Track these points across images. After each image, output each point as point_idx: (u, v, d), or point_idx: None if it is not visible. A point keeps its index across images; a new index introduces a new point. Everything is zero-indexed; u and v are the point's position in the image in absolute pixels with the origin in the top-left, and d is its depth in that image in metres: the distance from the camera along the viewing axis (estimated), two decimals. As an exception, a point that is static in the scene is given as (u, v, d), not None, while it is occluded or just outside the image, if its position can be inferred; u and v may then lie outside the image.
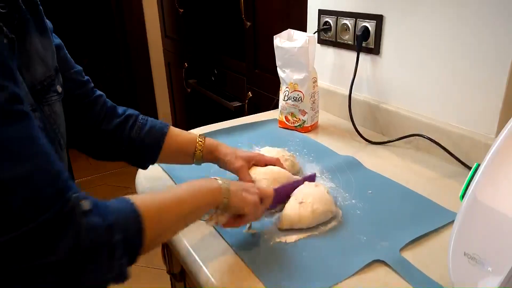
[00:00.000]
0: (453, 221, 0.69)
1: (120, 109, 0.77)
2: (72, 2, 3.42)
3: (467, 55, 0.84)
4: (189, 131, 1.14)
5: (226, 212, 0.62)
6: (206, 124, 1.17)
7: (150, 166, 0.82)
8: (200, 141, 0.79)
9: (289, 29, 1.05)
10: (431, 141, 0.92)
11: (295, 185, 0.75)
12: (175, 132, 0.79)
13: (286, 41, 1.04)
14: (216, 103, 1.90)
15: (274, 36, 1.05)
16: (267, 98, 1.53)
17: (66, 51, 0.71)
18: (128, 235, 0.47)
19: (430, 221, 0.70)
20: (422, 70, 0.95)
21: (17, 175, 0.39)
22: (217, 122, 1.19)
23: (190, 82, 2.16)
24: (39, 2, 0.61)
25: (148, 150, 0.77)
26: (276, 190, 0.70)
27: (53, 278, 0.40)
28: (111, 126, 0.74)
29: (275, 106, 1.21)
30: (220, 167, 0.80)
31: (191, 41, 2.13)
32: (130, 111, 0.78)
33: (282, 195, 0.73)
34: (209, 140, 0.80)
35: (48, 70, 0.60)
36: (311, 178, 0.81)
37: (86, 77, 0.75)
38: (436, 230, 0.68)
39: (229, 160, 0.77)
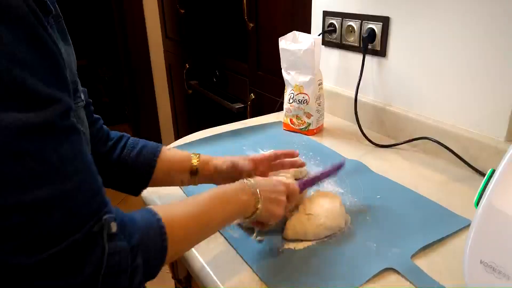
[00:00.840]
0: (464, 227, 0.69)
1: (113, 133, 0.74)
2: (72, 2, 3.41)
3: (475, 57, 0.83)
4: (191, 134, 1.14)
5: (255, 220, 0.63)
6: (207, 126, 1.15)
7: None
8: (194, 155, 0.74)
9: (294, 31, 1.04)
10: (439, 144, 0.91)
11: (324, 175, 0.76)
12: (168, 151, 0.74)
13: (291, 43, 1.03)
14: (217, 105, 1.89)
15: (279, 38, 1.04)
16: (270, 100, 1.52)
17: None
18: (150, 256, 0.47)
19: (441, 227, 0.69)
20: (429, 72, 0.94)
21: (57, 194, 0.38)
22: (218, 124, 1.18)
23: (191, 83, 2.15)
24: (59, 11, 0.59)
25: (141, 170, 0.71)
26: (304, 184, 0.72)
27: None
28: (105, 149, 0.71)
29: (279, 108, 1.20)
30: (218, 183, 0.74)
31: (192, 42, 2.11)
32: (119, 133, 0.75)
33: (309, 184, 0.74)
34: (204, 156, 0.75)
35: (73, 76, 0.58)
36: (338, 167, 0.78)
37: (88, 100, 0.71)
38: (447, 236, 0.67)
39: (235, 164, 0.74)
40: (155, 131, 2.75)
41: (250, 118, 1.61)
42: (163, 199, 0.80)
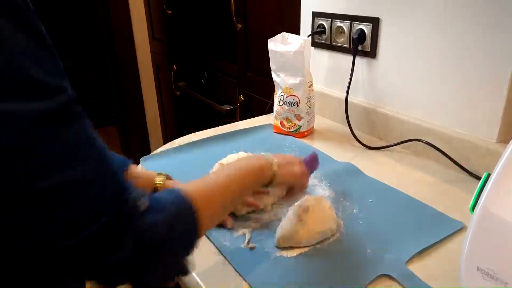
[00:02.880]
0: (458, 230, 0.68)
1: None
2: (56, 3, 3.34)
3: (466, 59, 0.83)
4: (180, 138, 1.11)
5: (274, 186, 0.68)
6: (196, 128, 1.14)
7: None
8: (157, 183, 0.67)
9: (283, 33, 1.03)
10: (431, 146, 0.90)
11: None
12: (134, 171, 0.67)
13: (280, 45, 1.01)
14: (207, 106, 1.87)
15: (268, 40, 1.02)
16: (259, 102, 1.50)
17: None
18: (185, 228, 0.48)
19: (435, 230, 0.68)
20: (420, 74, 0.93)
21: (79, 178, 0.38)
22: (208, 125, 1.16)
23: (180, 85, 2.12)
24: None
25: None
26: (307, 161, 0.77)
27: (119, 278, 0.42)
28: None
29: (269, 110, 1.18)
30: None
31: (180, 43, 2.08)
32: None
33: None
34: (173, 184, 0.69)
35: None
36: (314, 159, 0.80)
37: None
38: (441, 240, 0.66)
39: None
40: (143, 134, 2.71)
41: (239, 119, 1.60)
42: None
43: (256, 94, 1.54)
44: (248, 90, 1.58)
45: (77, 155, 0.39)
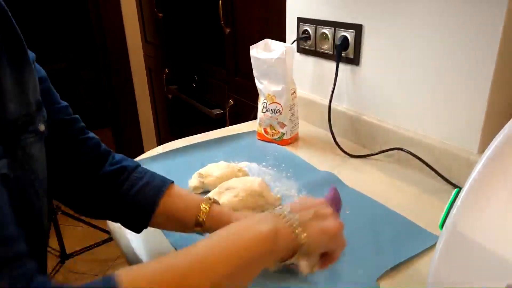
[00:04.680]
0: (432, 245, 0.67)
1: (117, 157, 0.64)
2: (49, 5, 3.34)
3: (448, 68, 0.81)
4: (168, 143, 1.10)
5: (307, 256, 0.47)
6: (188, 131, 1.13)
7: None
8: (204, 207, 0.60)
9: (266, 39, 1.01)
10: (412, 155, 0.89)
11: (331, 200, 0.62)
12: (177, 192, 0.62)
13: (263, 52, 1.00)
14: (197, 110, 1.86)
15: (250, 47, 1.01)
16: (248, 106, 1.49)
17: (50, 85, 0.61)
18: None
19: (410, 245, 0.67)
20: (402, 82, 0.92)
21: None
22: (199, 129, 1.16)
23: (171, 88, 2.11)
24: (19, 33, 0.51)
25: (139, 211, 0.60)
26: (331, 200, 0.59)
27: None
28: (99, 176, 0.61)
29: (255, 117, 1.17)
30: None
31: (171, 46, 2.07)
32: (128, 161, 0.64)
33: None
34: (218, 208, 0.61)
35: (24, 108, 0.50)
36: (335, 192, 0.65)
37: (74, 116, 0.63)
38: (416, 255, 0.65)
39: None
40: (136, 136, 2.71)
41: (229, 123, 1.59)
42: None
43: (245, 99, 1.53)
44: (237, 95, 1.57)
45: None
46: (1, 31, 0.49)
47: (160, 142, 2.61)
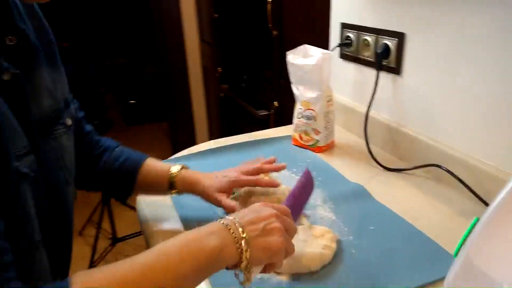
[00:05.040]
0: (456, 273, 0.62)
1: (102, 140, 0.77)
2: (114, 7, 3.57)
3: (497, 83, 0.75)
4: (202, 143, 1.14)
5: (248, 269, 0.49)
6: (236, 130, 1.17)
7: None
8: (172, 173, 0.74)
9: (304, 45, 1.01)
10: (450, 173, 0.84)
11: (301, 189, 0.66)
12: (150, 163, 0.77)
13: (299, 58, 0.99)
14: (244, 109, 1.88)
15: (287, 52, 1.00)
16: (292, 109, 1.48)
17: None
18: None
19: (430, 269, 0.63)
20: (445, 96, 0.86)
21: None
22: (246, 127, 1.18)
23: (223, 87, 2.16)
24: (53, 37, 0.62)
25: (122, 182, 0.75)
26: (290, 206, 0.60)
27: None
28: (91, 159, 0.75)
29: (293, 122, 1.17)
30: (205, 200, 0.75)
31: (224, 46, 2.12)
32: (109, 142, 0.78)
33: (298, 206, 0.65)
34: (187, 172, 0.76)
35: (56, 103, 0.59)
36: (308, 176, 0.69)
37: (82, 113, 0.75)
38: (434, 282, 0.61)
39: (207, 193, 0.73)
40: (190, 131, 2.80)
41: (273, 125, 1.59)
42: (150, 207, 0.84)
43: (289, 102, 1.52)
44: (282, 97, 1.57)
45: None
46: (39, 37, 0.58)
47: (211, 137, 2.69)
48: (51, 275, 0.56)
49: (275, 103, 1.61)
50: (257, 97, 1.83)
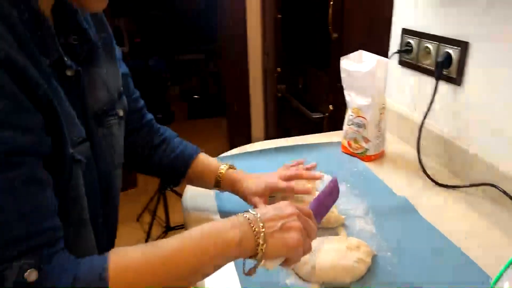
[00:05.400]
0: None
1: (162, 129, 0.83)
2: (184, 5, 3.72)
3: None
4: (252, 143, 1.16)
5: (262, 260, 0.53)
6: (292, 130, 1.18)
7: None
8: (221, 170, 0.79)
9: (360, 50, 0.98)
10: (506, 194, 0.77)
11: (327, 195, 0.67)
12: (202, 158, 0.81)
13: (353, 63, 0.97)
14: (299, 112, 1.88)
15: (341, 58, 0.99)
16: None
17: (130, 80, 0.77)
18: None
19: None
20: (509, 110, 0.80)
21: None
22: (300, 128, 1.19)
23: (280, 87, 2.16)
24: (111, 33, 0.68)
25: (175, 171, 0.81)
26: (313, 209, 0.61)
27: None
28: (151, 146, 0.80)
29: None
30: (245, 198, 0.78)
31: (285, 47, 2.12)
32: (168, 132, 0.83)
33: (321, 210, 0.65)
34: (230, 173, 0.79)
35: (110, 95, 0.64)
36: (335, 183, 0.69)
37: (142, 103, 0.81)
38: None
39: (245, 195, 0.76)
40: (247, 129, 2.84)
41: (327, 129, 1.57)
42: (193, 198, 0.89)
43: (344, 106, 1.49)
44: (338, 101, 1.54)
45: None
46: (99, 32, 0.64)
47: (266, 136, 2.71)
48: (97, 252, 0.61)
49: (330, 107, 1.59)
50: (312, 100, 1.82)
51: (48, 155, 0.47)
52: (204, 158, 0.82)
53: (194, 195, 0.89)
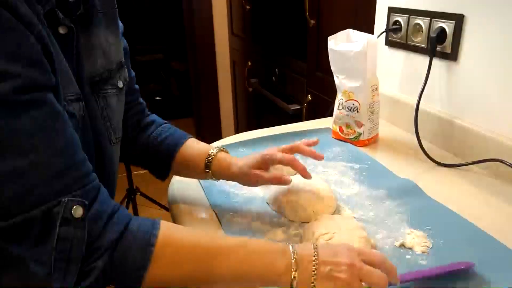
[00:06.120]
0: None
1: (152, 116, 0.79)
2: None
3: None
4: (237, 134, 1.08)
5: None
6: (265, 125, 1.11)
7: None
8: (212, 152, 0.71)
9: (348, 29, 0.93)
10: (515, 170, 0.75)
11: (436, 275, 0.55)
12: (193, 143, 0.75)
13: (342, 44, 0.92)
14: (275, 105, 1.82)
15: (329, 38, 0.93)
16: (326, 103, 1.41)
17: (128, 58, 0.72)
18: (125, 267, 0.44)
19: (504, 277, 0.55)
20: (508, 83, 0.77)
21: (9, 169, 0.39)
22: (275, 124, 1.13)
23: (252, 81, 2.10)
24: (116, 5, 0.65)
25: (161, 157, 0.73)
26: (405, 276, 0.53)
27: (27, 269, 0.40)
28: (139, 127, 0.75)
29: (332, 113, 1.09)
30: (241, 183, 0.71)
31: (255, 39, 2.06)
32: (158, 118, 0.79)
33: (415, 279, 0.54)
34: (223, 155, 0.72)
35: (109, 64, 0.61)
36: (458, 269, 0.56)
37: (137, 87, 0.77)
38: None
39: (244, 172, 0.68)
40: (216, 127, 2.76)
41: (305, 120, 1.52)
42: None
43: (324, 95, 1.45)
44: (317, 90, 1.49)
45: (16, 146, 0.38)
46: (104, 2, 0.60)
47: (236, 134, 2.64)
48: None
49: (309, 97, 1.54)
50: (287, 91, 1.76)
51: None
52: (194, 143, 0.75)
53: (180, 187, 0.81)
